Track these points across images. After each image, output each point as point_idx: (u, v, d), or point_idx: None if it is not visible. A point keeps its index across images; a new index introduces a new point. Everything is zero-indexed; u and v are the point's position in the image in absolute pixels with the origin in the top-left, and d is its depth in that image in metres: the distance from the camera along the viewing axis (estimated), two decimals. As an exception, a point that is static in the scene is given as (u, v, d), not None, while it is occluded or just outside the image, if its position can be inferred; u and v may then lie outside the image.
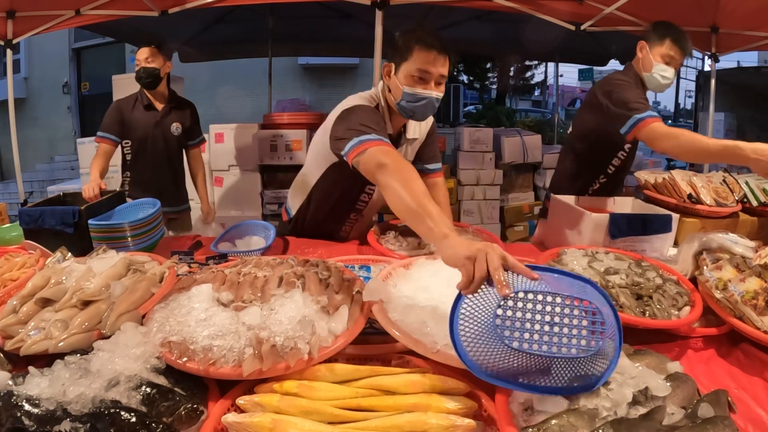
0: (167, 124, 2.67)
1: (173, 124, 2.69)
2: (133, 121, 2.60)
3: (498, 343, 0.83)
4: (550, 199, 2.00)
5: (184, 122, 2.74)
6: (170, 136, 2.69)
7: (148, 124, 2.62)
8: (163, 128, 2.66)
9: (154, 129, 2.63)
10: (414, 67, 1.47)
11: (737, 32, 3.50)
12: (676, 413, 0.86)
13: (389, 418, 0.86)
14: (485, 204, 4.63)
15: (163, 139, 2.67)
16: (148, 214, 1.80)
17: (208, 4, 3.16)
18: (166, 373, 0.93)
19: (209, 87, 8.84)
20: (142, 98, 2.63)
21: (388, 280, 1.20)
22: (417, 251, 1.66)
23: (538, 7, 3.28)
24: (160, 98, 2.66)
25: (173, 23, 3.79)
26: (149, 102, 2.63)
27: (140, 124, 2.61)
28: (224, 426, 0.86)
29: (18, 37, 3.29)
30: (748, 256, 1.35)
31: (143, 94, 2.63)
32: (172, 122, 2.69)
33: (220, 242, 1.81)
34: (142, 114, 2.61)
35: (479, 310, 0.86)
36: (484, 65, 15.89)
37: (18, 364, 1.01)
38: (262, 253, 1.64)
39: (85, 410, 0.80)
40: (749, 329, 1.15)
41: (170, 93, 2.70)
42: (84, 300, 1.07)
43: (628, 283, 1.30)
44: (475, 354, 0.85)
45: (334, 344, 0.98)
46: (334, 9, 4.56)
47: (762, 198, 1.95)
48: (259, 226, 1.94)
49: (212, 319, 0.99)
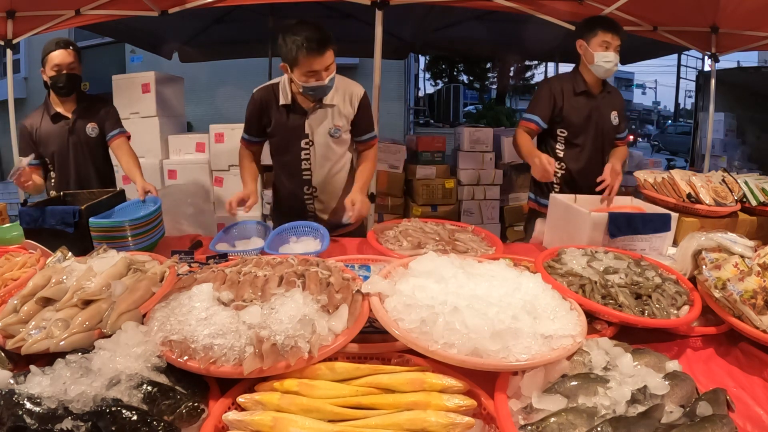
0: (81, 129, 2.39)
1: (87, 126, 2.40)
2: (44, 138, 2.34)
3: None
4: (549, 199, 2.01)
5: (99, 120, 2.44)
6: (88, 140, 2.41)
7: (62, 135, 2.35)
8: (77, 135, 2.38)
9: (69, 138, 2.36)
10: (304, 70, 1.82)
11: (737, 32, 3.51)
12: (675, 412, 0.86)
13: (389, 416, 0.86)
14: (485, 204, 4.63)
15: (81, 147, 2.39)
16: (149, 212, 1.80)
17: (208, 4, 3.16)
18: (167, 371, 0.93)
19: (209, 87, 8.85)
20: (48, 109, 2.35)
21: (387, 279, 1.20)
22: (417, 251, 1.67)
23: (538, 7, 3.29)
24: (69, 104, 2.37)
25: (173, 23, 3.80)
26: (56, 111, 2.35)
27: (52, 139, 2.34)
28: (225, 424, 0.87)
29: (18, 37, 3.29)
30: (747, 255, 1.35)
31: (49, 104, 2.35)
32: (86, 125, 2.40)
33: (219, 242, 1.81)
34: (51, 128, 2.34)
35: None
36: (484, 65, 15.91)
37: (19, 363, 1.01)
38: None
39: (86, 409, 0.81)
40: (748, 328, 1.16)
41: (78, 95, 2.40)
42: (85, 299, 1.07)
43: (627, 282, 1.30)
44: None
45: (334, 343, 0.98)
46: (334, 9, 4.55)
47: (761, 197, 1.95)
48: (259, 226, 1.95)
49: (213, 318, 0.99)
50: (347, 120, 2.05)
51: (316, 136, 2.02)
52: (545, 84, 2.43)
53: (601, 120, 2.30)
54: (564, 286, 1.24)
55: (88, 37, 8.99)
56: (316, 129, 2.01)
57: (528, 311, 1.05)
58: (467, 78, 16.71)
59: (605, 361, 0.98)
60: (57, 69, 2.24)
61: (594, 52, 2.17)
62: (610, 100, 2.34)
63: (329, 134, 2.02)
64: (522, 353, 0.94)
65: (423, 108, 16.91)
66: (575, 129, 2.30)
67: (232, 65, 7.12)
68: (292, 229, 1.89)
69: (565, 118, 2.28)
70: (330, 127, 2.02)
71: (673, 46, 3.78)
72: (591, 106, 2.28)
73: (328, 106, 2.00)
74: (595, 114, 2.29)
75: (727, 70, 7.61)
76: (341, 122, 2.03)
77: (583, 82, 2.27)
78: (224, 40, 5.34)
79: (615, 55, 2.17)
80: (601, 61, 2.17)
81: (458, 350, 0.94)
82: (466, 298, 1.07)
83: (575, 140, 2.31)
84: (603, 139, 2.32)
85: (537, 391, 0.89)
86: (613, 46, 2.16)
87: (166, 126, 4.12)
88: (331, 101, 2.00)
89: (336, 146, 2.06)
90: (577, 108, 2.27)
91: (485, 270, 1.25)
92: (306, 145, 2.03)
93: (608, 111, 2.32)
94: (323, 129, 2.01)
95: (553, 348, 0.97)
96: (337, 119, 2.02)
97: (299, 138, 2.01)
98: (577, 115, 2.27)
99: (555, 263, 1.42)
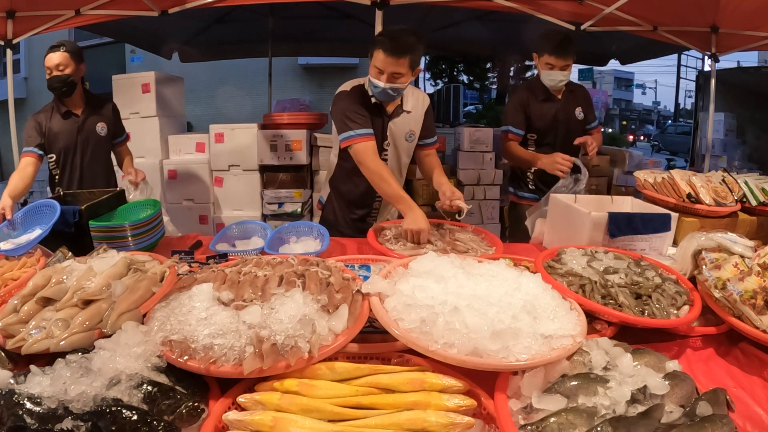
0: (91, 127, 2.46)
1: (98, 125, 2.48)
2: (53, 133, 2.39)
3: None
4: (549, 199, 2.01)
5: (108, 121, 2.53)
6: (97, 139, 2.49)
7: (71, 132, 2.42)
8: (87, 133, 2.46)
9: (77, 136, 2.43)
10: (374, 64, 1.86)
11: (737, 32, 3.50)
12: (675, 411, 0.86)
13: (389, 416, 0.86)
14: (485, 204, 4.63)
15: (90, 145, 2.47)
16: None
17: (208, 4, 3.16)
18: (167, 371, 0.93)
19: (209, 87, 8.85)
20: (58, 107, 2.41)
21: (387, 279, 1.20)
22: (416, 251, 1.67)
23: (538, 7, 3.29)
24: (77, 103, 2.45)
25: (173, 23, 3.80)
26: (67, 109, 2.42)
27: (62, 135, 2.40)
28: (225, 424, 0.87)
29: (18, 37, 3.29)
30: (747, 255, 1.35)
31: (58, 102, 2.42)
32: (96, 123, 2.48)
33: (219, 242, 1.81)
34: (61, 123, 2.40)
35: None
36: (484, 65, 15.89)
37: (19, 363, 1.01)
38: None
39: (86, 408, 0.81)
40: (748, 328, 1.16)
41: (86, 94, 2.49)
42: (85, 299, 1.07)
43: (627, 282, 1.30)
44: None
45: (334, 343, 0.98)
46: (334, 9, 4.55)
47: (761, 197, 1.95)
48: (258, 226, 1.95)
49: (213, 318, 0.99)
50: (418, 126, 2.12)
51: (396, 140, 2.09)
52: (514, 95, 2.71)
53: (567, 118, 2.53)
54: (564, 286, 1.24)
55: (88, 37, 8.99)
56: (397, 132, 2.07)
57: (528, 311, 1.05)
58: (467, 78, 16.69)
59: (605, 361, 0.98)
60: (48, 71, 2.33)
61: (541, 69, 2.43)
62: (573, 98, 2.56)
63: (405, 139, 2.10)
64: (522, 353, 0.94)
65: (423, 108, 16.89)
66: (543, 131, 2.54)
67: (232, 65, 7.13)
68: (292, 229, 1.89)
69: (533, 123, 2.53)
70: (407, 132, 2.09)
71: (673, 46, 3.78)
72: (556, 108, 2.51)
73: (405, 112, 2.07)
74: (561, 114, 2.52)
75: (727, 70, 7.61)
76: (415, 128, 2.11)
77: (544, 90, 2.50)
78: (224, 40, 5.34)
79: (561, 73, 2.40)
80: (546, 79, 2.44)
81: (458, 350, 0.94)
82: (466, 298, 1.07)
83: (545, 140, 2.55)
84: (571, 135, 2.48)
85: (537, 391, 0.89)
86: (558, 67, 2.38)
87: (166, 126, 4.12)
88: (408, 107, 2.07)
89: (408, 150, 2.15)
90: (543, 112, 2.51)
91: (485, 270, 1.25)
92: (386, 147, 2.08)
93: (572, 108, 2.54)
94: (401, 133, 2.08)
95: (553, 348, 0.97)
96: (413, 125, 2.10)
97: (382, 140, 2.06)
98: (543, 119, 2.52)
99: (555, 263, 1.42)
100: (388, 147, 2.09)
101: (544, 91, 2.50)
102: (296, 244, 1.82)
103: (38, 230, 1.64)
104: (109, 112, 2.56)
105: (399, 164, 2.16)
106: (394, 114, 2.04)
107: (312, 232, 1.88)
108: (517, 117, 2.53)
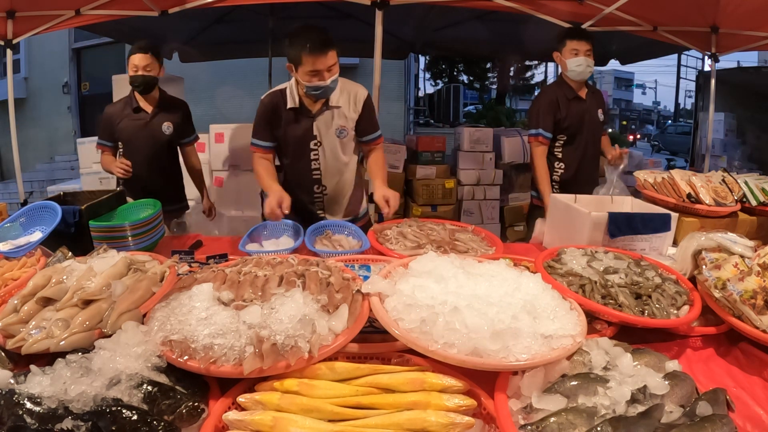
0: (157, 125, 2.64)
1: (164, 124, 2.66)
2: (122, 125, 2.60)
3: None
4: (549, 199, 2.01)
5: (176, 121, 2.70)
6: (161, 136, 2.65)
7: (137, 126, 2.61)
8: (152, 129, 2.63)
9: (142, 131, 2.61)
10: (307, 69, 1.86)
11: (737, 32, 3.51)
12: (675, 411, 0.86)
13: (389, 416, 0.86)
14: (485, 204, 4.64)
15: (152, 140, 2.63)
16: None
17: (208, 4, 3.16)
18: (167, 371, 0.93)
19: (209, 87, 8.83)
20: (131, 101, 2.62)
21: (387, 279, 1.20)
22: (417, 251, 1.67)
23: (538, 7, 3.29)
24: (150, 101, 2.64)
25: (173, 23, 3.79)
26: (138, 105, 2.61)
27: (129, 127, 2.60)
28: (225, 424, 0.87)
29: (18, 37, 3.29)
30: (747, 255, 1.35)
31: (134, 97, 2.62)
32: (163, 122, 2.65)
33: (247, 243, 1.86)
34: (131, 117, 2.60)
35: None
36: (484, 65, 15.90)
37: (19, 363, 1.01)
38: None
39: (86, 408, 0.81)
40: (748, 328, 1.16)
41: (161, 94, 2.68)
42: (85, 299, 1.07)
43: (627, 282, 1.30)
44: None
45: (334, 343, 0.98)
46: (334, 9, 4.55)
47: (761, 197, 1.95)
48: (288, 225, 1.98)
49: (213, 318, 0.99)
50: (352, 121, 2.09)
51: (324, 138, 2.06)
52: (541, 97, 2.66)
53: (591, 120, 2.56)
54: (564, 286, 1.24)
55: (88, 37, 9.01)
56: (324, 130, 2.05)
57: (528, 311, 1.05)
58: (467, 78, 16.70)
59: (605, 360, 0.98)
60: (134, 70, 2.51)
61: (566, 60, 2.44)
62: (596, 99, 2.61)
63: (336, 135, 2.07)
64: (522, 353, 0.94)
65: (423, 108, 16.90)
66: (573, 133, 2.55)
67: (232, 65, 7.11)
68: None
69: (563, 123, 2.52)
70: (337, 128, 2.06)
71: (673, 46, 3.79)
72: (583, 109, 2.54)
73: (333, 108, 2.05)
74: (587, 116, 2.55)
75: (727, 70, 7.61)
76: (347, 123, 2.08)
77: (571, 90, 2.52)
78: (224, 40, 5.34)
79: (585, 59, 2.41)
80: (573, 66, 2.43)
81: (458, 350, 0.94)
82: (466, 298, 1.07)
83: (574, 141, 2.57)
84: (595, 136, 2.60)
85: (537, 391, 0.89)
86: (582, 51, 2.40)
87: (166, 126, 4.11)
88: (337, 103, 2.05)
89: (344, 146, 2.11)
90: (573, 113, 2.52)
91: (485, 270, 1.25)
92: (315, 146, 2.07)
93: (595, 109, 2.59)
94: (331, 130, 2.06)
95: (553, 348, 0.97)
96: (343, 120, 2.07)
97: (308, 139, 2.05)
98: (575, 119, 2.53)
99: (555, 263, 1.42)
100: (318, 146, 2.06)
101: (572, 90, 2.51)
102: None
103: (38, 233, 1.64)
104: (178, 113, 2.73)
105: (338, 163, 2.11)
106: (318, 112, 2.03)
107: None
108: (547, 119, 2.50)
